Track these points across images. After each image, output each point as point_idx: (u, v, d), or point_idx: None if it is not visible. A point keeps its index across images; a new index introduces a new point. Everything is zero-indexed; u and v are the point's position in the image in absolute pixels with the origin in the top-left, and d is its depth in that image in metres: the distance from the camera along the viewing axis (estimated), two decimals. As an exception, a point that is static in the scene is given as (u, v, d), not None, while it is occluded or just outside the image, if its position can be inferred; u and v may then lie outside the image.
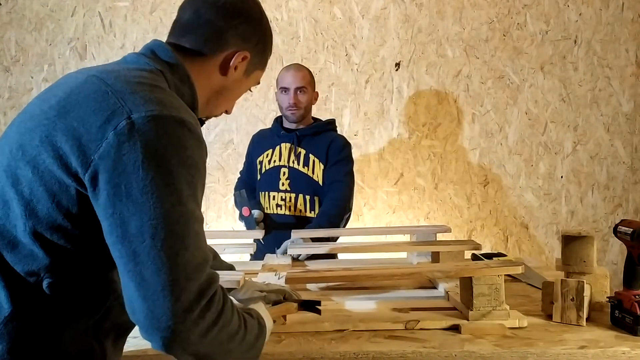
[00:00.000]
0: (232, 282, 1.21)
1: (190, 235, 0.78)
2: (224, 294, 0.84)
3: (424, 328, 1.22)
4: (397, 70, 2.90)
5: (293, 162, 2.24)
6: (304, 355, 1.09)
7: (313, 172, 2.22)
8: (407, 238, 2.16)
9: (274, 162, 2.27)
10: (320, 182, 2.22)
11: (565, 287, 1.25)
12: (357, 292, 1.52)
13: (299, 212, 2.22)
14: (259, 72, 1.06)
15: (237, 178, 2.49)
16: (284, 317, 1.22)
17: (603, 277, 1.34)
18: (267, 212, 2.23)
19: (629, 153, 2.91)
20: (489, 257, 1.71)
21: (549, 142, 2.92)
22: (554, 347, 1.11)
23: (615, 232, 1.27)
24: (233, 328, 0.85)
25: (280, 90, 2.26)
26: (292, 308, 1.21)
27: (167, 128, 0.79)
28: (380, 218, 2.92)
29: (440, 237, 1.88)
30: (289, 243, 1.86)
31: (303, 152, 2.24)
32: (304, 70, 2.28)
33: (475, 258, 1.73)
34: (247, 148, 2.44)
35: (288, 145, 2.26)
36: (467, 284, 1.25)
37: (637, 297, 1.19)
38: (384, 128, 2.92)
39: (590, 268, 1.32)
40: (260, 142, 2.36)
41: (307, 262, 1.88)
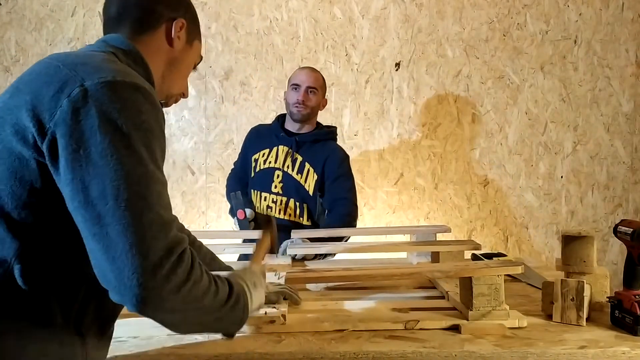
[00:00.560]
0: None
1: (153, 195, 0.79)
2: (193, 253, 0.85)
3: (424, 328, 1.22)
4: (397, 70, 2.90)
5: (288, 167, 2.24)
6: (304, 355, 1.09)
7: (305, 180, 2.23)
8: (407, 238, 2.16)
9: (269, 163, 2.27)
10: (311, 191, 2.23)
11: (565, 287, 1.25)
12: (357, 292, 1.52)
13: (289, 215, 2.22)
14: (198, 42, 1.12)
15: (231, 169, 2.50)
16: (284, 316, 1.22)
17: (603, 277, 1.34)
18: (257, 211, 2.24)
19: (629, 153, 2.91)
20: (489, 257, 1.71)
21: (549, 142, 2.92)
22: (554, 347, 1.11)
23: (615, 232, 1.27)
24: (204, 284, 0.85)
25: (292, 87, 2.26)
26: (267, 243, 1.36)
27: (121, 93, 0.81)
28: (380, 218, 2.92)
29: (440, 237, 1.87)
30: (289, 243, 1.86)
31: (300, 159, 2.24)
32: (318, 74, 2.31)
33: (475, 258, 1.74)
34: (243, 141, 2.44)
35: (286, 149, 2.26)
36: (466, 284, 1.25)
37: (637, 297, 1.19)
38: (384, 128, 2.92)
39: (590, 268, 1.32)
40: (258, 138, 2.35)
41: (306, 262, 1.88)
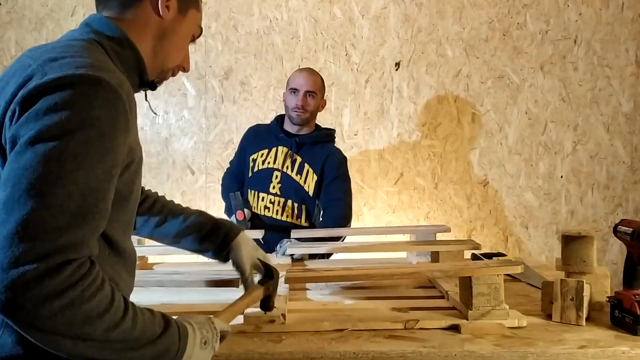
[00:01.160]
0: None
1: (56, 195, 0.72)
2: (99, 276, 0.76)
3: (424, 328, 1.22)
4: (397, 70, 2.90)
5: (287, 167, 2.24)
6: (304, 355, 1.09)
7: (305, 181, 2.23)
8: (407, 238, 2.16)
9: (268, 163, 2.26)
10: (311, 192, 2.22)
11: (565, 286, 1.25)
12: (357, 292, 1.52)
13: (286, 216, 2.22)
14: (194, 11, 1.03)
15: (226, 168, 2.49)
16: (283, 316, 1.22)
17: (603, 276, 1.34)
18: (254, 211, 2.24)
19: (629, 153, 2.91)
20: (489, 256, 1.71)
21: (549, 141, 2.92)
22: (554, 346, 1.11)
23: (615, 232, 1.27)
24: (94, 310, 0.74)
25: (290, 91, 2.25)
26: (257, 297, 1.13)
27: (75, 86, 0.76)
28: (380, 218, 2.92)
29: (440, 236, 1.87)
30: (288, 243, 1.86)
31: (299, 159, 2.24)
32: (317, 76, 2.29)
33: (475, 258, 1.74)
34: (240, 139, 2.42)
35: (285, 150, 2.25)
36: (466, 284, 1.25)
37: (637, 296, 1.19)
38: (384, 128, 2.92)
39: (590, 268, 1.32)
40: (257, 138, 2.34)
41: (306, 262, 1.88)
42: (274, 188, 2.24)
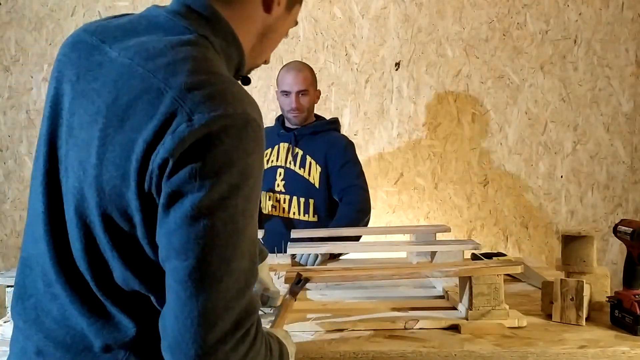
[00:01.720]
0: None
1: (237, 257, 0.70)
2: (259, 322, 0.77)
3: (424, 328, 1.22)
4: (397, 70, 2.90)
5: (290, 162, 2.22)
6: (304, 355, 1.09)
7: (309, 174, 2.20)
8: (406, 238, 2.16)
9: (272, 162, 2.26)
10: (317, 184, 2.20)
11: (565, 286, 1.25)
12: (357, 292, 1.52)
13: (293, 214, 2.21)
14: (298, 6, 0.95)
15: None
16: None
17: (603, 276, 1.34)
18: (262, 212, 2.24)
19: (629, 153, 2.91)
20: (489, 256, 1.71)
21: (549, 141, 2.92)
22: (554, 346, 1.11)
23: (615, 231, 1.27)
24: (261, 357, 0.77)
25: (281, 93, 2.22)
26: (289, 305, 1.22)
27: (228, 131, 0.69)
28: (380, 218, 2.92)
29: (440, 236, 1.87)
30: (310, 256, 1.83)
31: (300, 152, 2.22)
32: (305, 71, 2.23)
33: (475, 258, 1.73)
34: None
35: (286, 145, 2.25)
36: (466, 284, 1.25)
37: (637, 296, 1.19)
38: (384, 128, 2.92)
39: (590, 268, 1.32)
40: None
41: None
42: (278, 186, 2.23)
